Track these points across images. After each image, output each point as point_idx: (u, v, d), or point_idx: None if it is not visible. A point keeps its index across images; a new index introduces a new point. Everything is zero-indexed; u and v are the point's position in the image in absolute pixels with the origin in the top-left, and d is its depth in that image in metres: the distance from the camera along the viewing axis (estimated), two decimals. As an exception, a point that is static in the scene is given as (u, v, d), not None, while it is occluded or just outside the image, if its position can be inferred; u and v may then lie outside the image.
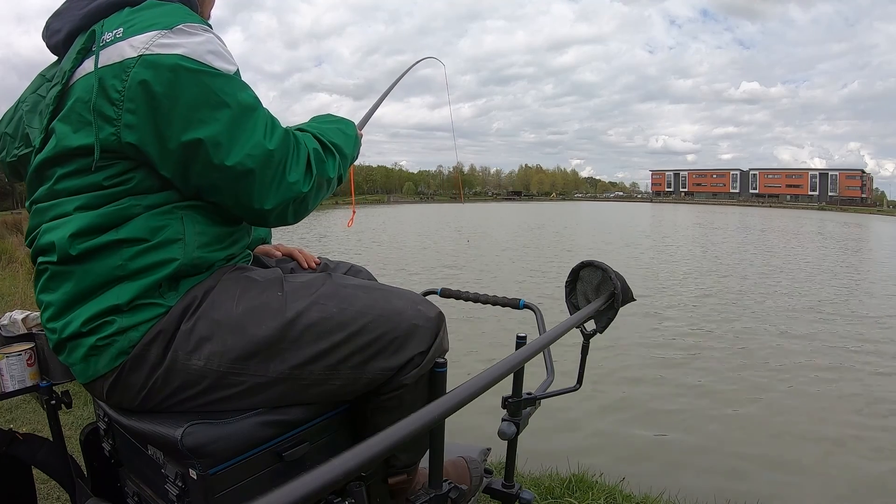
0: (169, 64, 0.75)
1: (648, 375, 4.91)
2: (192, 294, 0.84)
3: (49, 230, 0.81)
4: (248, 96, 0.82)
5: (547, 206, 79.64)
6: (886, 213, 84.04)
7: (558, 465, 2.58)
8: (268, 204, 0.84)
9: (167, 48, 0.76)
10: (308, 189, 0.87)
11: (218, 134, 0.78)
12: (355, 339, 0.87)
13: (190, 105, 0.77)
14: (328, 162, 0.92)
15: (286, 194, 0.84)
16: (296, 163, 0.85)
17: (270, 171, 0.82)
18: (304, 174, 0.86)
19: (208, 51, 0.79)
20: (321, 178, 0.90)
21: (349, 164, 1.04)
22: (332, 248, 15.50)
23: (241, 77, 0.85)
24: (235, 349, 0.81)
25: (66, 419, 2.35)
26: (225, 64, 0.80)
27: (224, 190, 0.83)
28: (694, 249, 16.99)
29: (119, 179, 0.80)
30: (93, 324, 0.79)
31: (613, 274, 1.08)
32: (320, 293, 0.88)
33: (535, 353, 0.75)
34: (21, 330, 1.21)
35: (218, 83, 0.78)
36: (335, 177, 0.95)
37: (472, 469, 1.21)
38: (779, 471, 3.27)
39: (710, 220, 37.70)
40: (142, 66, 0.76)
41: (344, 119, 1.09)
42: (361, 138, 1.17)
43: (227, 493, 0.80)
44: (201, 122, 0.77)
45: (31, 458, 1.24)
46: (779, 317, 7.40)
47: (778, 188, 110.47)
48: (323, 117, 1.07)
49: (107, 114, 0.77)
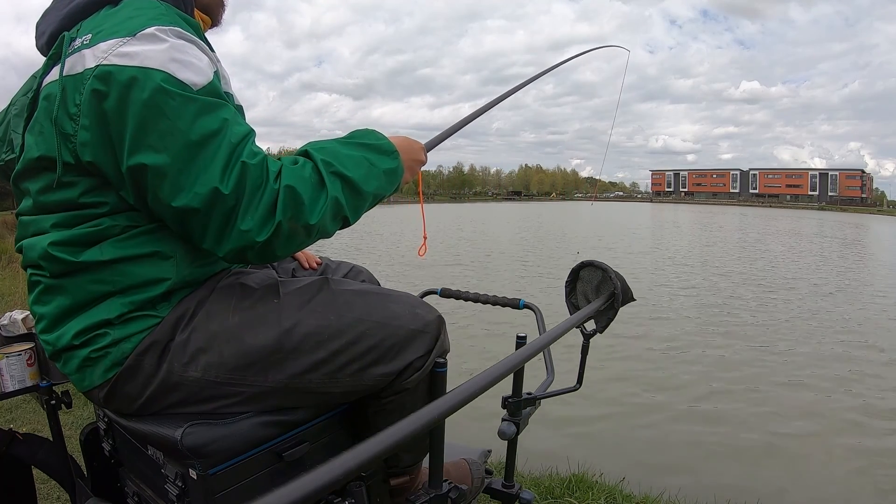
0: (121, 78, 0.68)
1: (649, 375, 4.91)
2: (185, 304, 0.83)
3: (31, 246, 0.80)
4: (209, 122, 0.70)
5: (546, 207, 79.58)
6: (886, 213, 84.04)
7: (558, 465, 2.58)
8: (220, 250, 0.74)
9: (125, 58, 0.69)
10: (265, 238, 0.72)
11: (164, 165, 0.69)
12: (353, 346, 0.86)
13: (138, 126, 0.68)
14: (315, 204, 0.75)
15: (237, 243, 0.73)
16: (253, 207, 0.71)
17: (218, 215, 0.71)
18: (261, 221, 0.72)
19: (171, 59, 0.70)
20: (294, 225, 0.74)
21: (370, 203, 0.85)
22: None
23: (224, 85, 0.79)
24: (232, 360, 0.80)
25: (66, 419, 2.35)
26: (191, 75, 0.71)
27: (174, 225, 0.75)
28: (694, 248, 17.00)
29: (93, 199, 0.76)
30: (85, 336, 0.78)
31: (613, 274, 1.08)
32: (317, 300, 0.87)
33: (535, 353, 0.76)
34: (21, 330, 1.22)
35: (173, 105, 0.68)
36: (324, 223, 0.77)
37: (473, 470, 1.21)
38: (779, 471, 3.27)
39: (712, 221, 37.67)
40: (96, 78, 0.69)
41: (383, 142, 0.87)
42: (420, 165, 0.98)
43: (227, 493, 0.80)
44: (149, 147, 0.69)
45: (31, 458, 1.24)
46: (780, 318, 7.40)
47: (778, 188, 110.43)
48: (360, 134, 0.87)
49: (66, 130, 0.73)
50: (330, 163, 0.79)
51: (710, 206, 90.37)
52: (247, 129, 0.76)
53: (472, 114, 1.31)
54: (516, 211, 55.89)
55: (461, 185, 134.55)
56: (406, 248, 15.01)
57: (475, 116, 1.31)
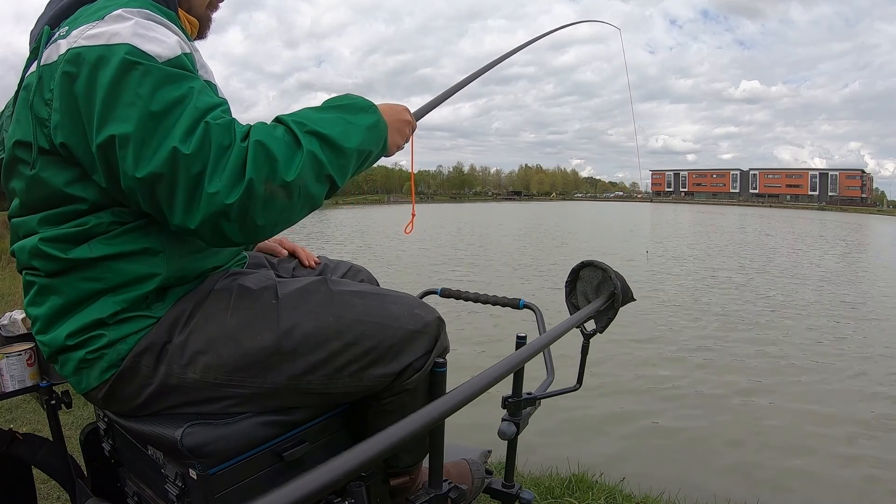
0: (89, 57, 0.69)
1: (649, 375, 4.91)
2: (181, 305, 0.83)
3: (22, 248, 0.80)
4: (173, 90, 0.69)
5: (547, 207, 79.56)
6: (886, 213, 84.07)
7: (558, 465, 2.58)
8: (191, 221, 0.69)
9: (92, 39, 0.70)
10: (237, 200, 0.68)
11: (128, 133, 0.67)
12: (353, 347, 0.85)
13: (105, 101, 0.68)
14: (290, 160, 0.71)
15: (207, 209, 0.68)
16: (220, 168, 0.68)
17: (184, 179, 0.67)
18: (230, 181, 0.68)
19: (135, 33, 0.70)
20: (270, 185, 0.69)
21: (356, 161, 0.81)
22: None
23: (204, 74, 0.79)
24: (231, 361, 0.80)
25: (66, 419, 2.35)
26: (155, 47, 0.70)
27: (144, 202, 0.72)
28: (695, 247, 17.00)
29: (74, 191, 0.76)
30: (79, 337, 0.78)
31: (613, 274, 1.08)
32: (315, 301, 0.87)
33: (535, 353, 0.76)
34: (21, 330, 1.22)
35: (135, 74, 0.68)
36: (304, 182, 0.73)
37: (473, 470, 1.21)
38: (779, 471, 3.27)
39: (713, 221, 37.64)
40: (66, 61, 0.71)
41: (357, 100, 0.85)
42: (410, 128, 0.95)
43: (227, 493, 0.80)
44: (115, 119, 0.68)
45: (31, 458, 1.24)
46: (782, 319, 7.40)
47: (778, 188, 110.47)
48: (333, 99, 0.85)
49: (41, 115, 0.74)
50: (303, 123, 0.75)
51: (710, 206, 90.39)
52: (218, 100, 0.74)
53: (459, 82, 1.28)
54: (522, 212, 55.78)
55: (461, 185, 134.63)
56: (407, 247, 15.00)
57: (462, 86, 1.27)
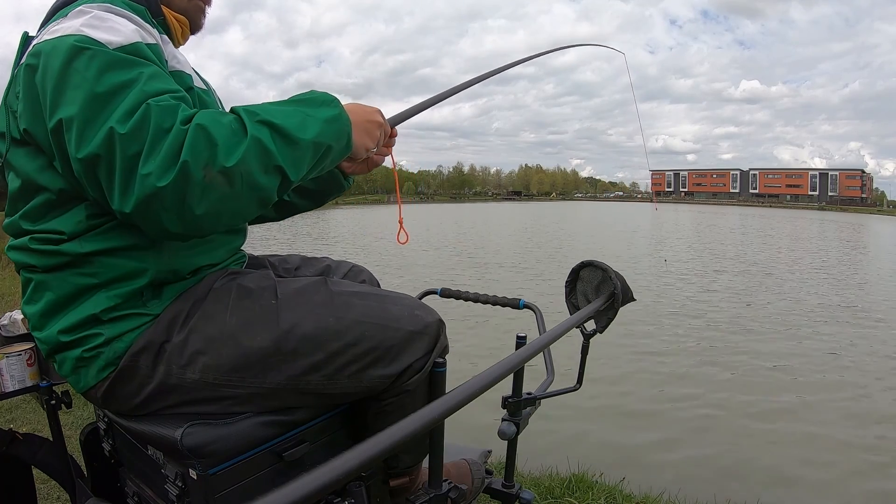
0: (45, 48, 0.72)
1: (649, 375, 4.91)
2: (179, 303, 0.83)
3: (13, 248, 0.82)
4: (121, 74, 0.69)
5: (547, 207, 79.57)
6: (886, 213, 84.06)
7: (558, 465, 2.57)
8: (127, 205, 0.67)
9: (52, 34, 0.73)
10: (170, 183, 0.65)
11: (73, 115, 0.67)
12: (352, 348, 0.85)
13: (55, 88, 0.70)
14: (233, 146, 0.68)
15: (140, 191, 0.66)
16: (156, 150, 0.65)
17: (121, 161, 0.66)
18: (163, 163, 0.65)
19: (87, 24, 0.72)
20: (209, 171, 0.66)
21: (312, 154, 0.76)
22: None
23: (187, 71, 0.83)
24: (231, 361, 0.80)
25: (66, 419, 2.35)
26: (106, 34, 0.71)
27: (89, 186, 0.71)
28: (695, 246, 17.00)
29: (44, 182, 0.77)
30: (74, 334, 0.78)
31: (613, 274, 1.08)
32: (315, 301, 0.87)
33: (535, 353, 0.75)
34: (21, 330, 1.22)
35: (83, 59, 0.69)
36: (248, 170, 0.68)
37: (473, 470, 1.21)
38: (779, 471, 3.26)
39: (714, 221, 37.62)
40: (29, 55, 0.75)
41: (319, 95, 0.82)
42: (381, 130, 0.90)
43: (227, 493, 0.80)
44: (63, 103, 0.69)
45: (31, 458, 1.24)
46: (783, 321, 7.39)
47: (778, 188, 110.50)
48: (297, 95, 0.83)
49: (13, 108, 0.78)
50: (255, 113, 0.72)
51: (710, 206, 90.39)
52: (172, 87, 0.72)
53: (439, 94, 1.16)
54: (523, 212, 55.74)
55: (461, 185, 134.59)
56: (407, 246, 15.00)
57: (442, 98, 1.16)
